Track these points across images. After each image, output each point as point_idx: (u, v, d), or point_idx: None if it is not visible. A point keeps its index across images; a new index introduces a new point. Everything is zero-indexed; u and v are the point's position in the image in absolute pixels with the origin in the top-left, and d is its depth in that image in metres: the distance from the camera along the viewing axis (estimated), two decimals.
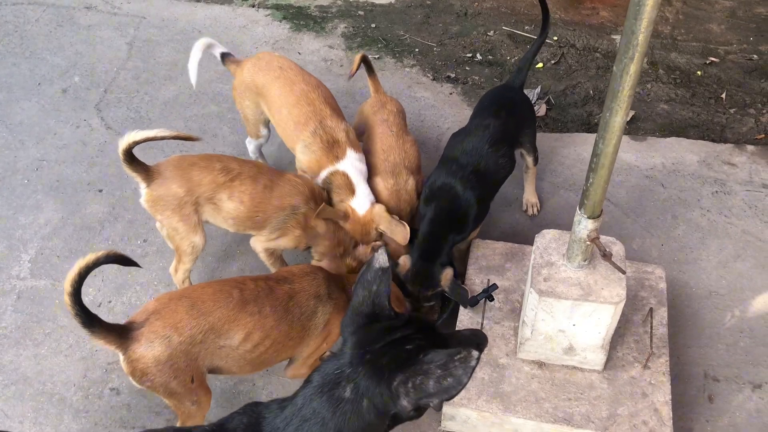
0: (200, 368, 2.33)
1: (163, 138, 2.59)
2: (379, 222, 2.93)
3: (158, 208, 2.73)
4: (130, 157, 2.61)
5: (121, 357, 2.25)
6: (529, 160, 3.32)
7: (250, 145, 3.48)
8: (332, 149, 2.96)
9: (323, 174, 2.99)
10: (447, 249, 2.85)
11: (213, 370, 2.41)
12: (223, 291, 2.35)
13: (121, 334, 2.22)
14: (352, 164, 2.98)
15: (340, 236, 2.95)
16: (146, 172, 2.69)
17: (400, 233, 2.90)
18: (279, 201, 2.81)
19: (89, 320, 2.15)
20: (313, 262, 2.97)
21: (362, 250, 2.97)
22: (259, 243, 2.93)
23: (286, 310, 2.42)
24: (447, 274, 2.81)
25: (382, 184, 3.06)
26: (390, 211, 2.97)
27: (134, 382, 2.30)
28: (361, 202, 2.95)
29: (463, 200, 2.86)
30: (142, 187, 2.72)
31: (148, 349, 2.22)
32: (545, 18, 3.22)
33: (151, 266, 3.25)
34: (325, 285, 2.54)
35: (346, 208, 2.94)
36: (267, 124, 3.30)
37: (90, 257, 2.13)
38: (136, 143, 2.56)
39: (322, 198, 2.94)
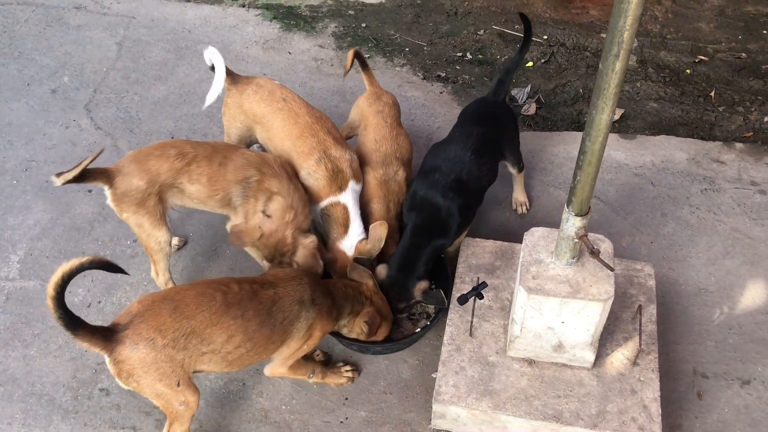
0: (187, 372, 2.33)
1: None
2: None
3: (124, 206, 2.73)
4: (81, 177, 2.58)
5: (107, 359, 2.25)
6: (514, 171, 3.33)
7: None
8: (336, 179, 2.97)
9: (324, 203, 2.99)
10: (425, 261, 2.84)
11: (196, 371, 2.41)
12: (206, 294, 2.34)
13: (106, 336, 2.21)
14: (352, 197, 3.00)
15: (294, 201, 2.84)
16: (105, 174, 2.68)
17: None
18: (233, 175, 2.80)
19: (72, 323, 2.14)
20: (241, 221, 2.84)
21: (306, 241, 2.86)
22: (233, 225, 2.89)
23: (269, 314, 2.42)
24: (420, 288, 2.81)
25: (372, 174, 3.07)
26: (378, 200, 3.04)
27: (121, 384, 2.31)
28: (350, 243, 2.97)
29: (444, 210, 2.85)
30: (106, 189, 2.72)
31: (134, 351, 2.21)
32: (527, 34, 3.21)
33: (140, 266, 3.24)
34: (310, 290, 2.54)
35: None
36: (248, 146, 3.25)
37: (74, 262, 2.10)
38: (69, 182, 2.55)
39: (280, 164, 2.88)
